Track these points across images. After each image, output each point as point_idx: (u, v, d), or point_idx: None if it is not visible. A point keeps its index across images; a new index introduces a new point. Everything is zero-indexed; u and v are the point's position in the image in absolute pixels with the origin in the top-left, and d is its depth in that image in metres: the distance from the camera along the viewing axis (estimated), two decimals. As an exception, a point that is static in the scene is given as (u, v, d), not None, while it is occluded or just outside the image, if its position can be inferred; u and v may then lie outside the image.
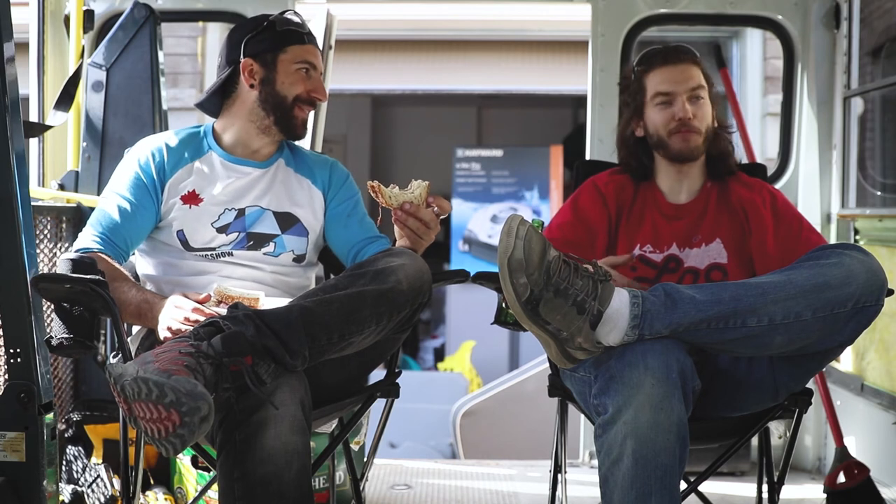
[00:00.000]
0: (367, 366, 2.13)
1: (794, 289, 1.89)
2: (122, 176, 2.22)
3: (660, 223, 2.29)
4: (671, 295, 1.89)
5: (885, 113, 5.19)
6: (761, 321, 1.88)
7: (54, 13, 3.14)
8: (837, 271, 1.90)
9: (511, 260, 1.81)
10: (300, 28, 2.26)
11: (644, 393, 1.82)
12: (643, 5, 3.36)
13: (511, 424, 5.26)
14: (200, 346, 1.73)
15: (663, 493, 1.81)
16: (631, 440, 1.81)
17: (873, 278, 1.91)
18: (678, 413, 1.83)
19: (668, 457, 1.82)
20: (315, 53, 2.27)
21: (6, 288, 1.96)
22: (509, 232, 1.82)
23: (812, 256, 1.98)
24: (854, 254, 1.95)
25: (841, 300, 1.89)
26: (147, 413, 1.62)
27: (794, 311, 1.88)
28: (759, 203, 2.28)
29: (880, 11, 5.00)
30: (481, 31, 7.21)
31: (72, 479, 2.69)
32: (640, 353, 1.85)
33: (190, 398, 1.60)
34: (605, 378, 1.88)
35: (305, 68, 2.24)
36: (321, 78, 2.29)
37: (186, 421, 1.60)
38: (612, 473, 1.84)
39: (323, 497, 2.67)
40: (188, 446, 1.65)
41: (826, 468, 3.21)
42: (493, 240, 7.57)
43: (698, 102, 2.26)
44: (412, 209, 2.08)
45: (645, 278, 2.24)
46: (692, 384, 1.89)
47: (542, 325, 1.86)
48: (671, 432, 1.82)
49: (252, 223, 2.21)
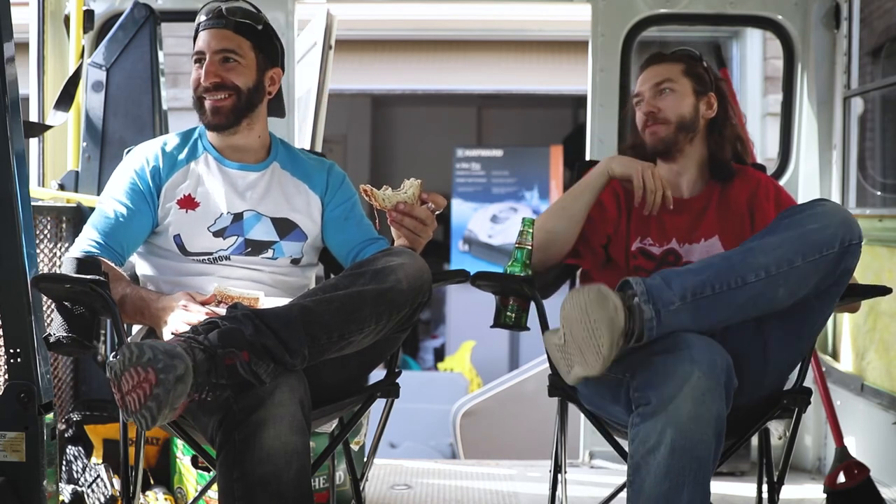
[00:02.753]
0: (367, 366, 2.13)
1: (777, 239, 1.96)
2: (119, 181, 2.21)
3: (664, 217, 2.31)
4: (665, 275, 1.95)
5: (885, 113, 5.18)
6: (759, 275, 1.93)
7: (54, 13, 3.14)
8: (811, 219, 1.98)
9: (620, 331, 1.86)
10: (206, 14, 2.20)
11: (690, 385, 1.84)
12: (643, 5, 3.36)
13: (511, 424, 5.26)
14: (196, 337, 1.74)
15: (696, 486, 1.83)
16: (671, 430, 1.83)
17: (847, 218, 2.00)
18: (718, 408, 1.86)
19: (704, 450, 1.84)
20: (206, 38, 2.17)
21: (6, 288, 1.96)
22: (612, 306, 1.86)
23: (785, 214, 2.04)
24: (823, 203, 2.04)
25: (826, 241, 1.95)
26: (130, 382, 1.65)
27: (786, 258, 1.93)
28: (762, 196, 2.33)
29: (880, 11, 5.00)
30: (481, 31, 7.21)
31: (72, 479, 2.69)
32: (684, 347, 1.88)
33: (166, 356, 1.64)
34: (650, 372, 1.89)
35: (199, 57, 2.18)
36: (217, 57, 2.16)
37: (161, 378, 1.62)
38: (647, 462, 1.85)
39: (323, 497, 2.67)
40: (163, 414, 1.65)
41: (826, 468, 3.21)
42: (493, 240, 7.58)
43: (662, 95, 2.32)
44: (406, 209, 2.08)
45: (643, 269, 2.27)
46: (733, 382, 1.92)
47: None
48: (710, 426, 1.84)
49: (250, 229, 2.20)
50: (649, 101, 2.32)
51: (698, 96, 2.33)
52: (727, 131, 2.37)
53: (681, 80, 2.32)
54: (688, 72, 2.33)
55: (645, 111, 2.32)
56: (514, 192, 7.78)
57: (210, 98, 2.17)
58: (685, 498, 1.82)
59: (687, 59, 2.36)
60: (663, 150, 2.33)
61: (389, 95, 8.63)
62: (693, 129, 2.33)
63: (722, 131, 2.36)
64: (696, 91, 2.33)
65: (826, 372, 3.21)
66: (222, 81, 2.17)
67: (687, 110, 2.31)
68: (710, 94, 2.35)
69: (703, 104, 2.33)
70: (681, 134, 2.32)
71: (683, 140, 2.33)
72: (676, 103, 2.31)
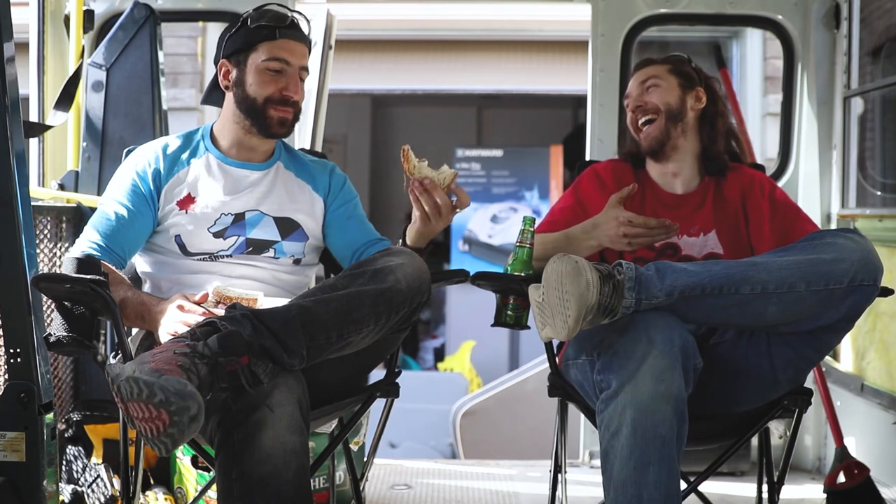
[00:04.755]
0: (367, 365, 2.13)
1: (786, 262, 1.94)
2: (120, 183, 2.21)
3: (659, 211, 2.33)
4: (661, 268, 1.95)
5: (885, 113, 5.18)
6: (754, 289, 1.92)
7: (54, 13, 3.14)
8: (830, 248, 1.95)
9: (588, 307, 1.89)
10: (275, 22, 2.16)
11: (647, 364, 1.85)
12: (643, 5, 3.36)
13: (511, 424, 5.26)
14: (196, 346, 1.73)
15: (662, 463, 1.83)
16: (630, 410, 1.85)
17: (868, 258, 1.94)
18: (678, 386, 1.86)
19: (666, 428, 1.84)
20: (289, 48, 2.16)
21: (6, 288, 1.96)
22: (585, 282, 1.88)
23: (806, 238, 2.03)
24: (849, 235, 1.99)
25: (836, 276, 1.91)
26: (140, 413, 1.63)
27: (788, 281, 1.91)
28: (757, 193, 2.34)
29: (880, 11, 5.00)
30: (481, 31, 7.20)
31: (72, 479, 2.69)
32: (643, 328, 1.89)
33: (179, 398, 1.61)
34: (609, 354, 1.92)
35: (276, 67, 2.15)
36: (300, 72, 2.19)
37: (176, 420, 1.60)
38: (612, 446, 1.87)
39: (323, 497, 2.67)
40: (180, 445, 1.66)
41: (826, 468, 3.21)
42: (493, 240, 7.58)
43: (648, 90, 2.36)
44: (430, 186, 2.06)
45: (644, 260, 2.27)
46: (693, 361, 1.92)
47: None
48: (669, 404, 1.84)
49: (252, 228, 2.20)
50: (636, 98, 2.37)
51: (685, 90, 2.36)
52: (719, 124, 2.39)
53: (666, 77, 2.37)
54: (673, 70, 2.38)
55: (632, 107, 2.38)
56: (514, 193, 7.78)
57: (281, 110, 2.17)
58: (651, 477, 1.82)
59: (674, 60, 2.41)
60: (658, 148, 2.35)
61: (389, 95, 8.63)
62: (681, 118, 2.35)
63: (714, 123, 2.38)
64: (682, 85, 2.36)
65: (826, 372, 3.21)
66: (299, 100, 2.19)
67: (673, 100, 2.34)
68: (697, 88, 2.37)
69: (690, 97, 2.36)
70: (671, 125, 2.34)
71: (675, 134, 2.35)
72: (662, 95, 2.35)
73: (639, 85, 2.38)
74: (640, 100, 2.36)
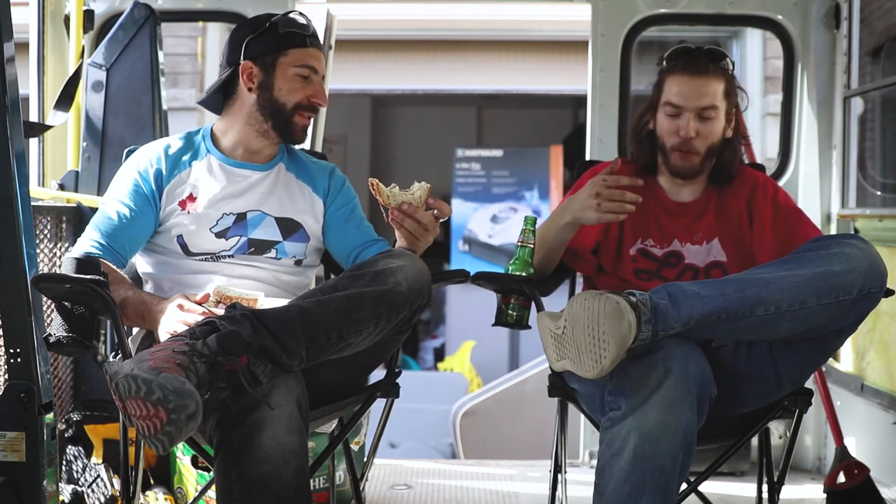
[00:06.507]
0: (367, 366, 2.13)
1: (797, 278, 1.92)
2: (122, 183, 2.21)
3: (663, 219, 2.31)
4: (674, 294, 1.91)
5: (885, 113, 5.18)
6: (768, 310, 1.91)
7: (54, 13, 3.13)
8: (839, 260, 1.94)
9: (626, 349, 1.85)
10: (303, 30, 2.20)
11: (659, 393, 1.84)
12: (643, 5, 3.36)
13: (511, 424, 5.26)
14: (195, 345, 1.73)
15: (656, 493, 1.82)
16: (635, 435, 1.83)
17: (875, 265, 1.94)
18: (687, 419, 1.85)
19: (668, 459, 1.83)
20: (317, 57, 2.21)
21: (6, 288, 1.96)
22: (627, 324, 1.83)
23: (812, 247, 2.00)
24: (854, 242, 1.98)
25: (845, 287, 1.92)
26: (138, 410, 1.63)
27: (800, 298, 1.91)
28: (760, 197, 2.32)
29: (880, 11, 5.00)
30: (481, 31, 7.20)
31: (72, 479, 2.69)
32: (661, 357, 1.87)
33: (177, 395, 1.61)
34: (623, 378, 1.90)
35: (305, 73, 2.19)
36: (322, 82, 2.24)
37: (173, 418, 1.60)
38: (610, 465, 1.86)
39: (323, 497, 2.67)
40: (177, 443, 1.66)
41: (826, 468, 3.21)
42: (493, 240, 7.58)
43: (706, 122, 2.23)
44: (410, 210, 2.06)
45: (646, 270, 2.27)
46: (709, 391, 1.91)
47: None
48: (676, 435, 1.84)
49: (254, 228, 2.20)
50: (693, 126, 2.22)
51: (728, 118, 2.27)
52: (736, 143, 2.32)
53: (721, 105, 2.24)
54: (727, 92, 2.25)
55: (685, 135, 2.22)
56: (514, 193, 7.78)
57: (306, 117, 2.21)
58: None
59: (726, 74, 2.26)
60: (688, 176, 2.27)
61: (389, 95, 8.63)
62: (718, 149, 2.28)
63: (734, 144, 2.31)
64: (727, 114, 2.26)
65: (826, 372, 3.21)
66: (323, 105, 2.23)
67: (717, 138, 2.25)
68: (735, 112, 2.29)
69: (728, 127, 2.28)
70: (706, 162, 2.27)
71: (708, 165, 2.29)
72: (714, 131, 2.24)
73: (698, 109, 2.21)
74: (694, 129, 2.21)
